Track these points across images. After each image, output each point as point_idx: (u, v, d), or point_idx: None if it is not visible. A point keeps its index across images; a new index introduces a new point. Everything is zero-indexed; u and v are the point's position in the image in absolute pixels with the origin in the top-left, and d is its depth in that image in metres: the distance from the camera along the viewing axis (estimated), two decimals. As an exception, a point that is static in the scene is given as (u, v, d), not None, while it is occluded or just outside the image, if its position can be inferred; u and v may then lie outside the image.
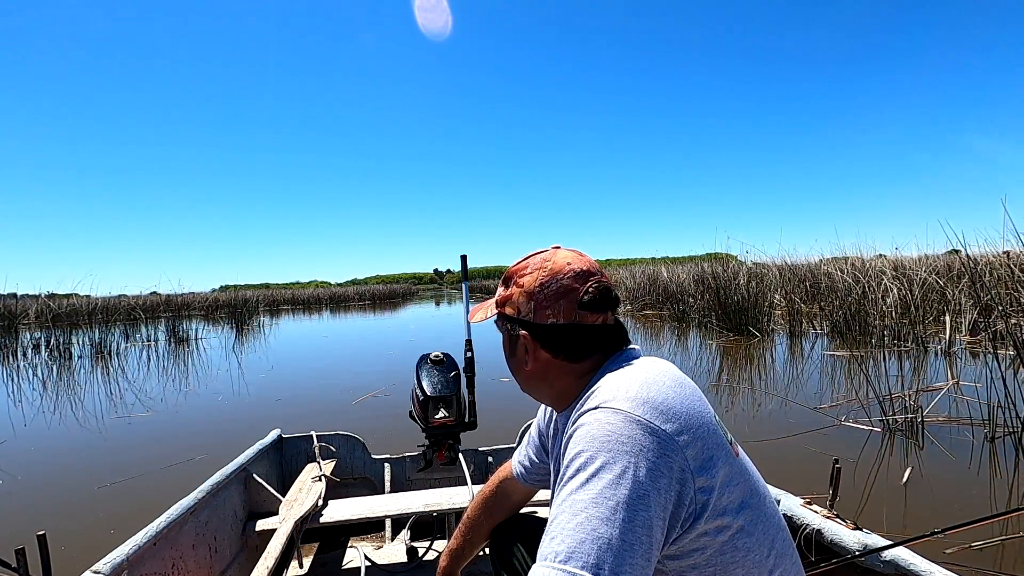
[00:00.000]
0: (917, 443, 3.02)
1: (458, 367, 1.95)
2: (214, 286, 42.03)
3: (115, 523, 2.42)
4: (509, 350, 0.87)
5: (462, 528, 1.17)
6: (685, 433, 0.65)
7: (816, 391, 4.37)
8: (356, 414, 4.27)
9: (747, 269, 9.15)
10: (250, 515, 1.83)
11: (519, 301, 0.83)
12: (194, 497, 1.51)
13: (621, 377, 0.72)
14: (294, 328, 15.11)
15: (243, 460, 1.86)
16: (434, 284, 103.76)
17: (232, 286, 42.67)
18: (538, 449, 1.06)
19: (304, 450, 2.20)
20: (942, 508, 2.27)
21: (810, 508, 1.31)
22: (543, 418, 1.04)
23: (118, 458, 3.44)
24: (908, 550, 1.08)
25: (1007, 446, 2.87)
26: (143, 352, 9.97)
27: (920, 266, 7.54)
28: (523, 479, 1.10)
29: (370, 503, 1.80)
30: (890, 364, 5.22)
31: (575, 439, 0.66)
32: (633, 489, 0.59)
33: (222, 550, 1.63)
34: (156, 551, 1.31)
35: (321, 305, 30.51)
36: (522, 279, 0.83)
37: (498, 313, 0.87)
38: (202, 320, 17.24)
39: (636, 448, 0.61)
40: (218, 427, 4.16)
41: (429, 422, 1.88)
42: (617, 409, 0.65)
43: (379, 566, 1.81)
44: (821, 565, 1.13)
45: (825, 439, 3.16)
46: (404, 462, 2.22)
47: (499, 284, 0.89)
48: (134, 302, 15.13)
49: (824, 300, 8.37)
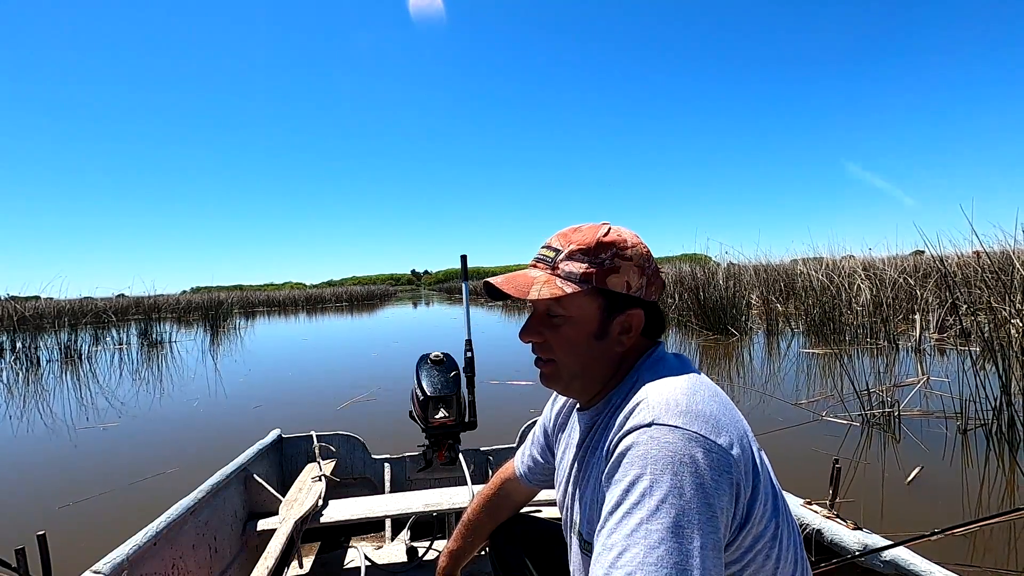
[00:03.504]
0: (894, 436, 3.14)
1: (458, 367, 1.95)
2: (185, 288, 40.97)
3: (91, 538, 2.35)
4: (599, 330, 0.77)
5: (462, 528, 1.16)
6: (736, 445, 0.63)
7: (795, 388, 4.49)
8: (345, 419, 4.20)
9: (725, 269, 9.35)
10: (250, 515, 1.82)
11: (630, 275, 0.76)
12: (194, 497, 1.50)
13: (666, 387, 0.68)
14: (271, 330, 14.84)
15: (243, 460, 1.84)
16: (411, 285, 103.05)
17: (204, 288, 41.65)
18: (543, 449, 1.04)
19: (304, 450, 2.19)
20: (924, 501, 2.37)
21: (810, 508, 1.32)
22: (549, 418, 1.02)
23: (84, 473, 3.24)
24: (908, 550, 1.08)
25: (979, 438, 3.00)
26: (115, 355, 9.69)
27: (888, 266, 7.81)
28: (526, 479, 1.09)
29: (370, 503, 1.80)
30: (863, 361, 5.40)
31: (633, 459, 0.62)
32: (704, 511, 0.57)
33: (222, 550, 1.62)
34: (156, 551, 1.30)
35: (297, 307, 30.02)
36: (627, 251, 0.77)
37: (594, 288, 0.76)
38: (174, 323, 16.80)
39: (700, 468, 0.59)
40: (193, 435, 4.00)
41: (429, 422, 1.88)
42: (673, 426, 0.62)
43: (379, 566, 1.81)
44: (821, 565, 1.14)
45: (807, 434, 3.26)
46: (404, 462, 2.22)
47: (567, 255, 0.77)
48: (103, 304, 14.65)
49: (799, 299, 8.59)
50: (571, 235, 0.79)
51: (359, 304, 31.93)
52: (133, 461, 3.39)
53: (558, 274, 0.76)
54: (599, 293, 0.76)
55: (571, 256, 0.77)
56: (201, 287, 43.04)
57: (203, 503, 1.53)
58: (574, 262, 0.76)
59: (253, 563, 1.45)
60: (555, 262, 0.78)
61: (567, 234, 0.79)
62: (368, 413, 4.36)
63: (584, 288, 0.75)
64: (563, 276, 0.76)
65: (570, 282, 0.75)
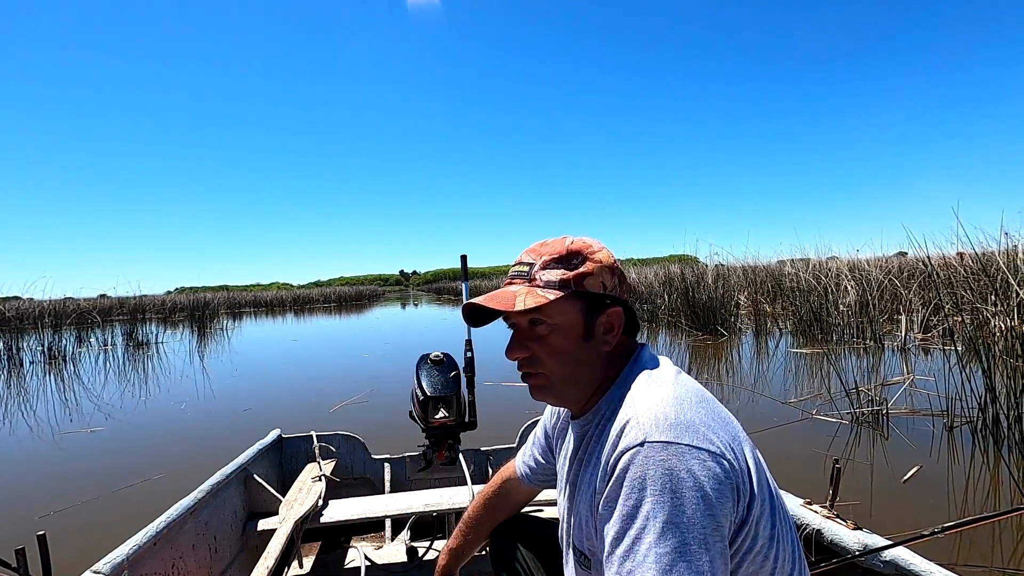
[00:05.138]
0: (883, 434, 3.20)
1: (458, 367, 1.96)
2: (169, 288, 40.38)
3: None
4: (584, 332, 0.79)
5: (462, 527, 1.17)
6: (729, 450, 0.65)
7: (784, 387, 4.56)
8: (343, 420, 4.14)
9: (713, 269, 9.44)
10: (250, 515, 1.81)
11: (603, 276, 0.80)
12: (194, 497, 1.49)
13: (652, 400, 0.69)
14: (258, 331, 14.71)
15: (243, 460, 1.84)
16: (400, 286, 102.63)
17: (189, 288, 41.12)
18: (544, 450, 1.05)
19: (304, 450, 2.18)
20: (916, 496, 2.42)
21: (810, 508, 1.32)
22: (550, 419, 1.03)
23: (67, 480, 3.14)
24: (908, 550, 1.08)
25: (964, 434, 3.07)
26: (100, 357, 9.54)
27: (873, 267, 7.94)
28: (527, 480, 1.10)
29: (370, 503, 1.80)
30: (850, 360, 5.49)
31: (632, 484, 0.63)
32: (708, 523, 0.59)
33: (222, 550, 1.61)
34: (156, 551, 1.30)
35: (285, 307, 29.75)
36: (595, 255, 0.80)
37: (573, 292, 0.78)
38: (160, 323, 16.58)
39: (698, 481, 0.60)
40: (181, 440, 3.91)
41: (429, 422, 1.89)
42: (665, 442, 0.63)
43: (379, 566, 1.81)
44: (821, 565, 1.15)
45: (797, 433, 3.31)
46: (404, 462, 2.22)
47: (542, 266, 0.80)
48: (86, 305, 14.42)
49: (787, 300, 8.71)
50: (540, 248, 0.82)
51: (347, 304, 31.74)
52: (118, 467, 3.30)
53: (537, 285, 0.79)
54: (579, 296, 0.79)
55: (546, 266, 0.79)
56: (186, 287, 42.48)
57: (203, 503, 1.52)
58: (550, 271, 0.79)
59: (253, 563, 1.44)
60: (531, 274, 0.80)
61: (536, 248, 0.83)
62: (368, 413, 4.33)
63: (565, 292, 0.77)
64: (542, 285, 0.78)
65: (551, 289, 0.78)
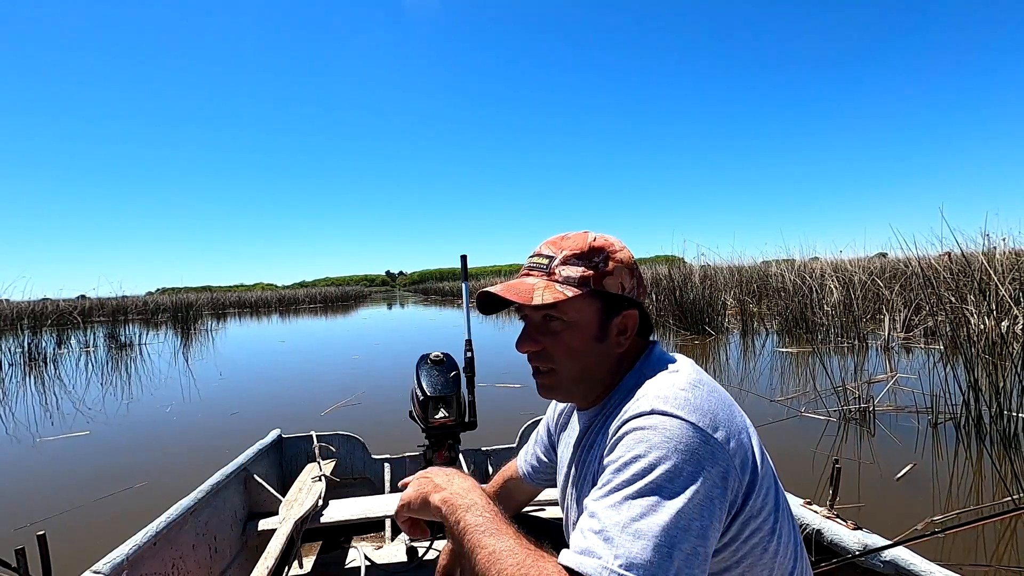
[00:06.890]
0: (869, 431, 3.28)
1: (458, 367, 1.96)
2: (151, 288, 39.73)
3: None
4: (598, 332, 0.78)
5: None
6: (732, 440, 0.65)
7: (771, 385, 4.64)
8: (341, 421, 4.08)
9: (700, 270, 9.55)
10: (250, 515, 1.81)
11: (623, 277, 0.79)
12: (194, 497, 1.49)
13: (666, 382, 0.70)
14: (244, 332, 14.53)
15: (243, 460, 1.83)
16: (385, 286, 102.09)
17: (172, 288, 40.50)
18: (546, 449, 1.05)
19: (304, 450, 2.18)
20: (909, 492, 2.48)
21: (810, 508, 1.33)
22: (552, 417, 1.03)
23: (47, 489, 3.03)
24: (908, 550, 1.09)
25: (947, 431, 3.15)
26: (81, 359, 9.35)
27: (856, 268, 8.09)
28: (530, 478, 1.09)
29: (370, 503, 1.80)
30: (835, 359, 5.60)
31: (630, 441, 0.63)
32: (694, 497, 0.59)
33: (222, 550, 1.61)
34: (156, 551, 1.29)
35: (270, 308, 29.44)
36: (617, 254, 0.80)
37: (592, 291, 0.77)
38: (142, 324, 16.29)
39: (695, 457, 0.61)
40: (167, 445, 3.80)
41: (429, 422, 1.88)
42: (672, 415, 0.64)
43: (379, 566, 1.80)
44: (821, 565, 1.16)
45: (786, 430, 3.37)
46: (404, 462, 2.22)
47: (562, 261, 0.78)
48: (66, 306, 14.13)
49: (773, 300, 8.84)
50: (561, 242, 0.81)
51: (334, 305, 31.50)
52: (100, 474, 3.19)
53: (556, 279, 0.77)
54: (597, 296, 0.77)
55: (566, 261, 0.78)
56: (168, 288, 41.85)
57: (203, 503, 1.52)
58: (570, 267, 0.77)
59: (253, 563, 1.44)
60: (550, 268, 0.79)
61: (557, 241, 0.81)
62: (368, 413, 4.29)
63: (584, 291, 0.76)
64: (561, 281, 0.77)
65: (569, 286, 0.76)
